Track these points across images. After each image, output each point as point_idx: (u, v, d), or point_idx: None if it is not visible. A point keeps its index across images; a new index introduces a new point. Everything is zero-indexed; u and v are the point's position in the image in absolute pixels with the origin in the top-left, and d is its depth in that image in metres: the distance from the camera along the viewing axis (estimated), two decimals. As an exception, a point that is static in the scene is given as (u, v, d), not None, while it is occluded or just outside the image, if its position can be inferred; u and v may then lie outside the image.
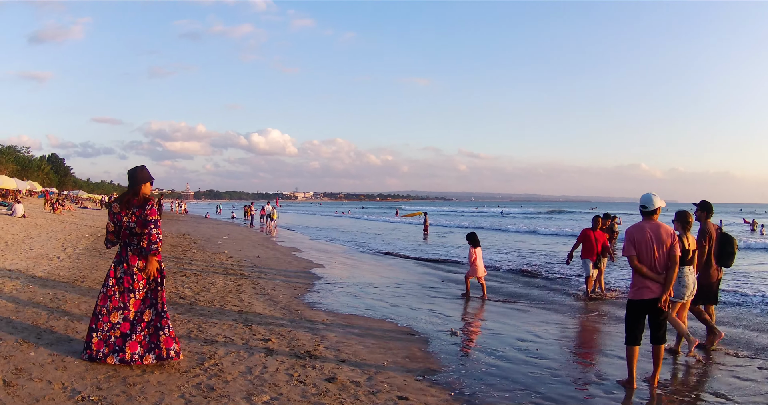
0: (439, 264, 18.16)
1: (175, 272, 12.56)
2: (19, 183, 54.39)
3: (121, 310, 5.47)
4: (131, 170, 5.77)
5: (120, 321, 5.46)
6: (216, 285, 11.04)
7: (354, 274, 14.39)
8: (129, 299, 5.51)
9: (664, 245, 5.84)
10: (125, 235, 5.60)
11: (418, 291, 12.07)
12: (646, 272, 5.81)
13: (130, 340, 5.43)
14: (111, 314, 5.46)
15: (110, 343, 5.42)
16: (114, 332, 5.44)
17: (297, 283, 12.12)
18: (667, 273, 5.79)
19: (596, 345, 8.20)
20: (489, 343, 7.66)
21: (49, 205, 39.43)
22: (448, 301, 11.09)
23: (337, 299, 10.52)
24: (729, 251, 7.52)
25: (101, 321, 5.46)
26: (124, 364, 5.40)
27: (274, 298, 10.10)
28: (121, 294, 5.52)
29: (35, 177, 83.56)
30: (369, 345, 7.13)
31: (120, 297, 5.51)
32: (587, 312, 10.33)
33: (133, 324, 5.48)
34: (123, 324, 5.46)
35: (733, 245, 7.55)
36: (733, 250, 7.55)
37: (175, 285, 10.75)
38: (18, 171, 79.70)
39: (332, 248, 23.20)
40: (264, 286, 11.40)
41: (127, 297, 5.51)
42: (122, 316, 5.46)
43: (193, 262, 14.77)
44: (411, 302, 10.68)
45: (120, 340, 5.42)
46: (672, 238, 5.88)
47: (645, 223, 6.02)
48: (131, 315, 5.49)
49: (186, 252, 17.32)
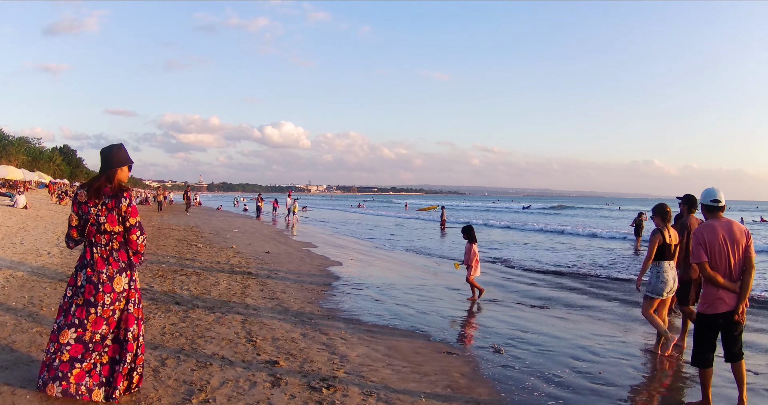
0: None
1: (176, 270, 11.33)
2: (27, 174, 53.62)
3: (75, 327, 4.17)
4: (105, 149, 4.45)
5: (71, 341, 4.16)
6: (219, 286, 9.78)
7: (373, 274, 13.07)
8: (88, 315, 4.20)
9: (739, 246, 4.87)
10: (91, 232, 4.30)
11: (444, 293, 10.76)
12: (723, 283, 4.82)
13: (78, 366, 4.13)
14: (61, 332, 4.17)
15: (53, 368, 4.13)
16: (61, 355, 4.14)
17: (311, 285, 10.83)
18: (743, 279, 4.82)
19: (664, 364, 6.83)
20: (542, 364, 6.31)
21: (55, 196, 38.43)
22: (479, 305, 9.78)
23: (357, 304, 9.22)
24: None
25: (50, 340, 4.21)
26: (68, 397, 4.12)
27: (285, 303, 8.82)
28: (78, 307, 4.22)
29: (46, 168, 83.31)
30: (400, 368, 5.80)
31: (77, 311, 4.21)
32: (638, 321, 8.95)
33: (88, 347, 4.18)
34: (74, 346, 4.15)
35: None
36: None
37: (173, 286, 9.51)
38: (29, 162, 79.46)
39: (347, 243, 21.87)
40: (273, 287, 10.13)
41: (85, 312, 4.19)
42: (75, 336, 4.15)
43: (197, 258, 13.53)
44: (439, 308, 9.38)
45: (66, 366, 4.11)
46: (747, 237, 4.92)
47: (715, 221, 5.02)
48: (87, 335, 4.18)
49: (191, 247, 16.10)
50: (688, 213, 7.36)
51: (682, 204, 7.47)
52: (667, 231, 6.76)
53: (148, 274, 10.67)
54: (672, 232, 6.81)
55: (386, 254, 18.24)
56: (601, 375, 6.02)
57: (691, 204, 7.31)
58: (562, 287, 12.31)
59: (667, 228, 6.78)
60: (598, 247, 24.06)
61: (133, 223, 4.32)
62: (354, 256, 16.88)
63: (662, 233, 6.72)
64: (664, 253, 6.69)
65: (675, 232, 6.86)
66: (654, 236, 6.77)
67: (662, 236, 6.69)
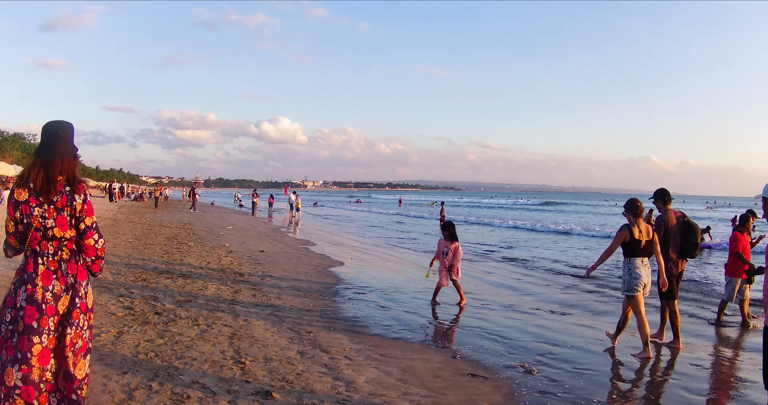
0: (472, 263, 15.81)
1: (161, 273, 10.33)
2: (19, 169, 52.37)
3: (19, 363, 3.14)
4: (55, 126, 3.31)
5: (19, 384, 3.12)
6: (206, 292, 8.77)
7: (376, 275, 12.07)
8: (31, 345, 3.17)
9: None
10: (35, 239, 3.27)
11: (455, 298, 9.77)
12: None
13: None
14: (4, 372, 3.13)
15: None
16: (13, 401, 3.12)
17: (309, 289, 9.82)
18: None
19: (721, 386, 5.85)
20: (584, 388, 5.31)
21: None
22: (496, 312, 8.79)
23: (361, 312, 8.23)
24: (692, 241, 7.00)
25: None
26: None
27: (280, 311, 7.81)
28: (20, 336, 3.19)
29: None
30: (419, 399, 4.77)
31: (18, 342, 3.18)
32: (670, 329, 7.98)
33: (39, 388, 3.16)
34: (23, 388, 3.12)
35: (696, 235, 7.02)
36: (697, 241, 7.02)
37: (156, 292, 8.51)
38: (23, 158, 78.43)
39: (346, 241, 20.86)
40: (267, 293, 9.12)
41: (27, 342, 3.17)
42: (20, 376, 3.12)
43: (185, 258, 12.51)
44: (452, 315, 8.43)
45: None
46: None
47: None
48: (34, 373, 3.15)
49: (181, 245, 15.07)
50: (664, 207, 7.12)
51: (654, 200, 7.23)
52: (637, 227, 6.45)
53: (130, 277, 9.68)
54: (643, 228, 6.47)
55: (387, 253, 17.22)
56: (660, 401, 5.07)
57: (664, 197, 7.11)
58: (578, 289, 11.33)
59: (637, 224, 6.47)
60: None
61: (89, 224, 3.30)
62: (354, 255, 15.88)
63: (630, 229, 6.43)
64: (635, 250, 6.43)
65: (647, 228, 6.52)
66: (620, 232, 6.53)
67: (630, 232, 6.42)
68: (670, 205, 7.17)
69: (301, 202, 34.44)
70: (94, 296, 7.86)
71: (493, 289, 11.08)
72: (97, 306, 7.37)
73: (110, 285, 8.94)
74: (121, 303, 7.67)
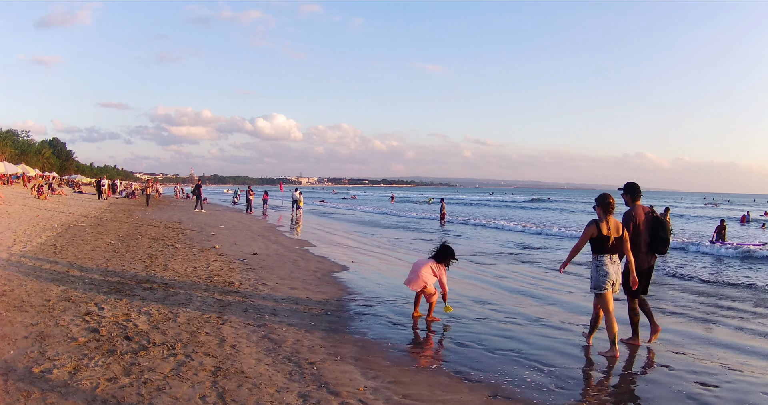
0: (482, 266, 14.59)
1: (140, 282, 9.09)
2: (9, 167, 50.96)
3: None
4: None
5: None
6: (189, 307, 7.52)
7: (382, 282, 10.83)
8: None
9: None
10: None
11: (475, 310, 8.57)
12: None
13: None
14: None
15: None
16: None
17: (308, 301, 8.57)
18: None
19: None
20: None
21: (35, 190, 35.95)
22: (525, 329, 7.58)
23: (372, 331, 7.00)
24: (661, 237, 6.80)
25: None
26: None
27: (275, 333, 6.55)
28: None
29: (35, 162, 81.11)
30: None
31: None
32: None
33: None
34: None
35: (666, 230, 6.83)
36: (666, 236, 6.82)
37: (129, 308, 7.26)
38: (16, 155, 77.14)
39: (345, 241, 19.58)
40: (260, 307, 7.88)
41: None
42: None
43: (170, 263, 11.25)
44: (478, 334, 7.19)
45: None
46: None
47: None
48: None
49: (167, 248, 13.80)
50: (633, 202, 6.92)
51: (624, 194, 7.00)
52: (606, 223, 6.30)
53: (104, 288, 8.44)
54: (612, 224, 6.33)
55: (390, 254, 15.96)
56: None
57: (633, 192, 6.91)
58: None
59: (606, 220, 6.32)
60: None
61: None
62: (355, 257, 14.62)
63: (598, 225, 6.29)
64: (603, 247, 6.28)
65: (617, 224, 6.39)
66: (588, 227, 6.37)
67: (597, 228, 6.27)
68: (639, 200, 6.97)
69: (303, 200, 33.19)
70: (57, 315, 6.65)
71: (513, 297, 9.88)
72: (58, 328, 6.15)
73: (78, 298, 7.70)
74: (86, 323, 6.43)
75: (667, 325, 7.71)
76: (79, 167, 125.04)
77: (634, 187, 6.94)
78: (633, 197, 6.93)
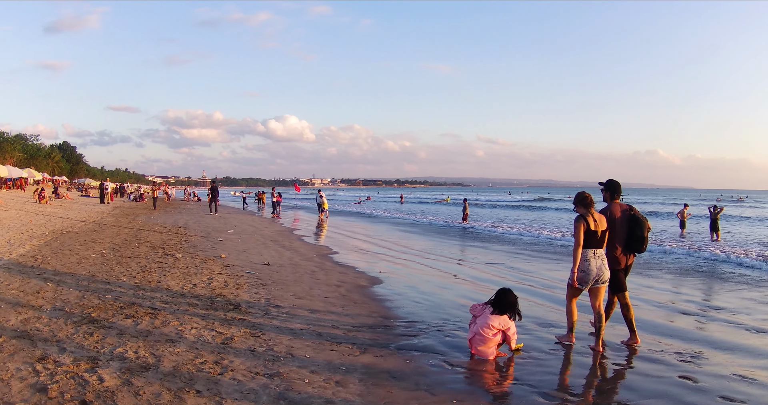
0: (525, 273, 12.63)
1: (124, 306, 7.27)
2: (13, 171, 49.69)
3: None
4: None
5: None
6: (177, 347, 5.66)
7: (421, 300, 8.92)
8: None
9: None
10: None
11: (546, 337, 6.69)
12: None
13: None
14: None
15: None
16: None
17: (334, 330, 6.73)
18: None
19: None
20: None
21: (36, 194, 34.46)
22: (611, 361, 5.71)
23: (424, 377, 5.12)
24: (638, 235, 6.50)
25: None
26: None
27: (293, 388, 4.66)
28: None
29: (44, 166, 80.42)
30: None
31: None
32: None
33: None
34: None
35: (642, 229, 6.51)
36: (643, 235, 6.50)
37: (99, 349, 5.44)
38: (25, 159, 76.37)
39: (367, 246, 17.60)
40: (273, 342, 6.02)
41: None
42: None
43: (165, 279, 9.43)
44: (554, 373, 5.35)
45: None
46: None
47: None
48: None
49: (165, 258, 11.99)
50: (611, 200, 6.75)
51: (604, 190, 6.81)
52: (591, 217, 6.19)
53: (75, 316, 6.64)
54: (598, 218, 6.25)
55: (420, 261, 13.95)
56: None
57: (614, 190, 6.75)
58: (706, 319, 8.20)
59: (591, 214, 6.22)
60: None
61: None
62: (382, 265, 12.66)
63: (586, 220, 6.15)
64: (588, 241, 6.14)
65: (601, 218, 6.30)
66: (577, 223, 6.17)
67: (586, 222, 6.13)
68: (618, 199, 6.77)
69: (327, 203, 31.42)
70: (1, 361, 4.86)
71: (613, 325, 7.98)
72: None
73: (38, 333, 5.90)
74: (35, 376, 4.63)
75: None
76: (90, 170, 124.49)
77: (615, 184, 6.76)
78: (612, 195, 6.75)
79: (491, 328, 5.91)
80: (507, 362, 5.89)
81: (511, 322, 6.03)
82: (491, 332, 5.91)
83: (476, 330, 6.00)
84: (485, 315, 6.02)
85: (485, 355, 5.94)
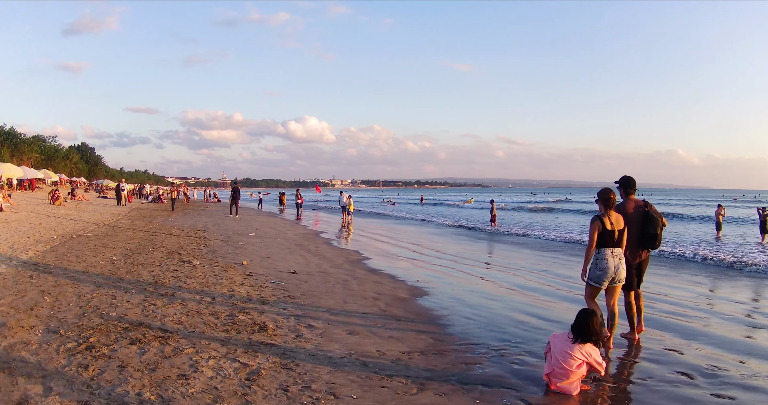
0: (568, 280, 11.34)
1: (129, 328, 6.15)
2: (28, 171, 49.13)
3: None
4: None
5: None
6: (190, 386, 4.50)
7: (472, 315, 7.72)
8: None
9: None
10: None
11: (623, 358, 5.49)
12: None
13: None
14: None
15: None
16: None
17: (380, 359, 5.56)
18: None
19: None
20: None
21: (50, 195, 33.71)
22: (700, 390, 4.50)
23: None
24: (651, 233, 6.51)
25: None
26: None
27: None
28: None
29: (63, 167, 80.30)
30: None
31: None
32: None
33: None
34: None
35: (655, 226, 6.51)
36: (656, 232, 6.51)
37: (90, 394, 4.31)
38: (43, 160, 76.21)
39: (398, 250, 16.38)
40: (308, 378, 4.83)
41: None
42: None
43: (178, 293, 8.29)
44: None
45: None
46: None
47: None
48: None
49: (182, 265, 10.88)
50: (626, 196, 6.71)
51: (619, 186, 6.78)
52: (608, 217, 6.06)
53: (71, 342, 5.55)
54: (615, 218, 6.10)
55: (457, 267, 12.73)
56: None
57: (627, 185, 6.72)
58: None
59: (608, 214, 6.09)
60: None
61: None
62: (419, 273, 11.42)
63: (601, 219, 6.03)
64: (606, 241, 6.02)
65: (619, 217, 6.15)
66: (593, 223, 6.06)
67: (601, 222, 6.01)
68: (633, 194, 6.72)
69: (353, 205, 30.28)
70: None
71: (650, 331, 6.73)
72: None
73: (22, 367, 4.80)
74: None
75: None
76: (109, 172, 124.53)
77: (627, 179, 6.77)
78: (626, 191, 6.73)
79: (574, 359, 4.80)
80: (594, 396, 4.76)
81: (594, 349, 4.91)
82: (575, 364, 4.80)
83: (555, 363, 4.85)
84: (566, 345, 4.88)
85: (568, 391, 4.82)
